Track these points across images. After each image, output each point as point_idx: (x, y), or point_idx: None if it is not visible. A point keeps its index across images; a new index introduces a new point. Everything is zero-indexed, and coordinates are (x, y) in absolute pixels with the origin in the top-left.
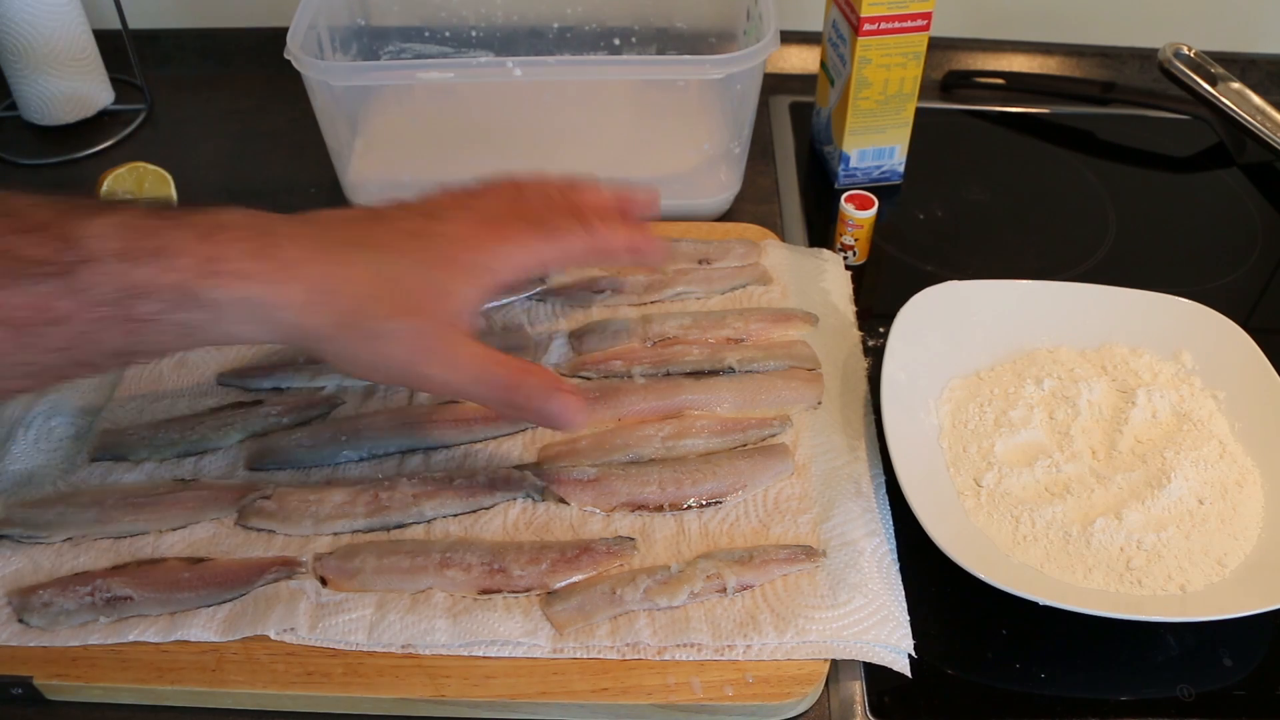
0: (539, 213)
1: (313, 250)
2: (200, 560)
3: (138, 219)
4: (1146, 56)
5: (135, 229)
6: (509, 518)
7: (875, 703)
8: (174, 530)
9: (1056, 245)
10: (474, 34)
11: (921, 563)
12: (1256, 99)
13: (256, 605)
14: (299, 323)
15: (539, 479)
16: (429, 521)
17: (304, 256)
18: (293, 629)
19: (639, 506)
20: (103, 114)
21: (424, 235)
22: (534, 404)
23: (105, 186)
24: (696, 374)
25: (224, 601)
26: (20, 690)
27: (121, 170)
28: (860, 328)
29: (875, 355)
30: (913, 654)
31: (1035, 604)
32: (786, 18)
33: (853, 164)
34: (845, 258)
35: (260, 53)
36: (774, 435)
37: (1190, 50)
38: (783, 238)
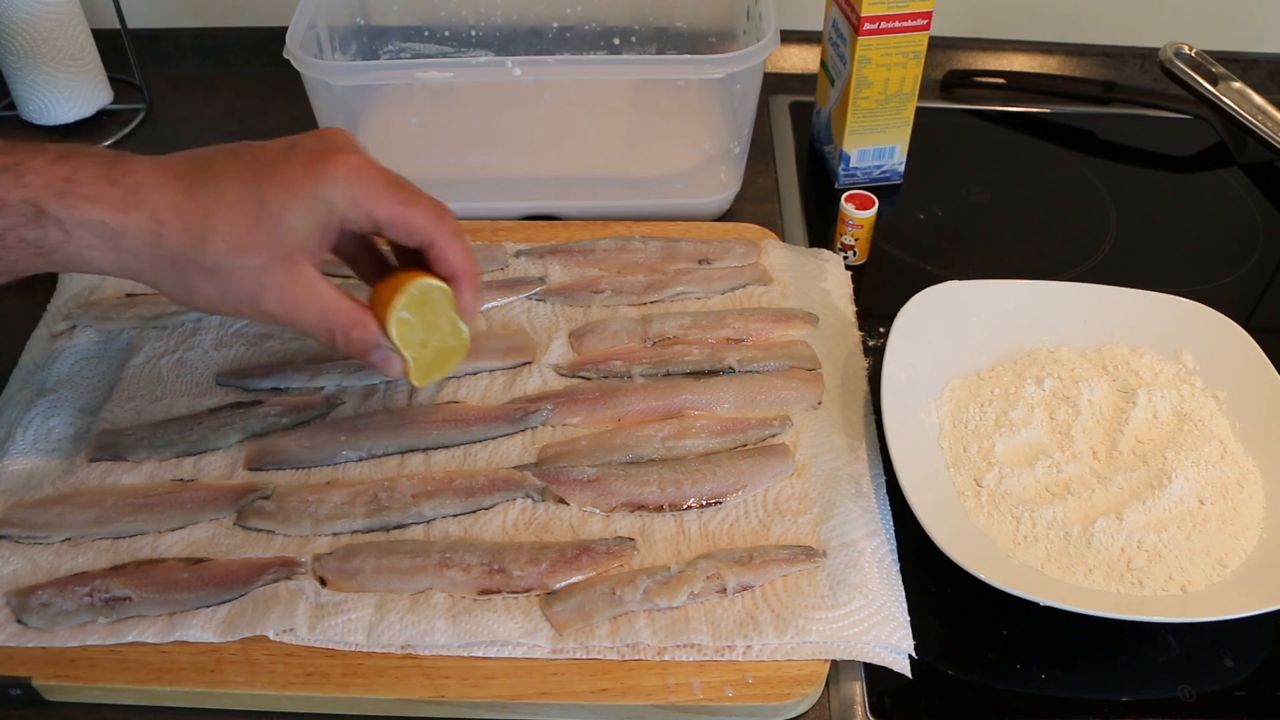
0: (402, 179)
1: (161, 179)
2: (199, 561)
3: None
4: (1147, 56)
5: None
6: (509, 518)
7: (875, 703)
8: (173, 530)
9: (1057, 245)
10: (473, 34)
11: (922, 563)
12: (1257, 98)
13: (255, 606)
14: (143, 252)
15: (539, 479)
16: (428, 522)
17: (151, 184)
18: (292, 630)
19: (639, 507)
20: (102, 113)
21: (273, 163)
22: (358, 356)
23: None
24: (696, 374)
25: (223, 602)
26: (19, 691)
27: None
28: (860, 328)
29: (875, 355)
30: (913, 654)
31: (1036, 604)
32: (786, 17)
33: (853, 164)
34: (845, 258)
35: (259, 52)
36: (774, 435)
37: (1191, 49)
38: (783, 238)
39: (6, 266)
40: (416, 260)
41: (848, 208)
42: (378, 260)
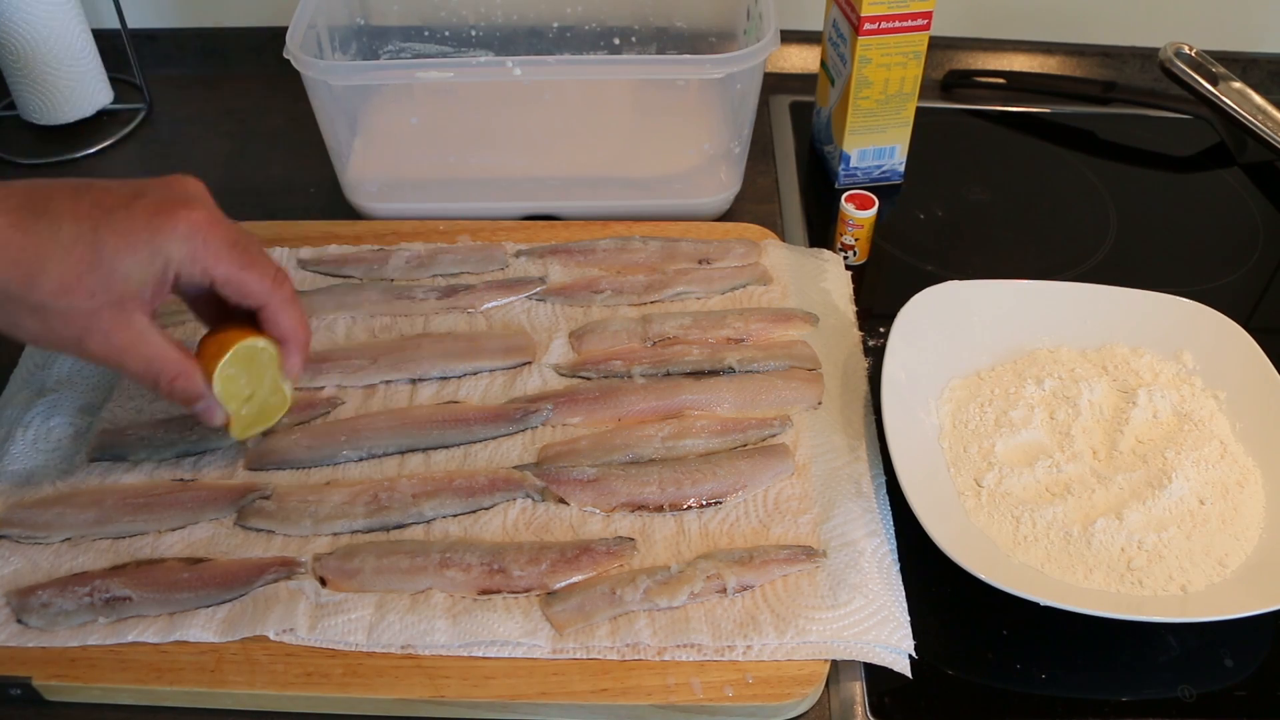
0: (246, 239)
1: None
2: (199, 561)
3: None
4: (1147, 56)
5: None
6: (509, 518)
7: (876, 703)
8: (173, 530)
9: (1056, 245)
10: (473, 34)
11: (922, 563)
12: (1257, 98)
13: (255, 606)
14: None
15: (539, 479)
16: (429, 522)
17: None
18: (292, 629)
19: (639, 506)
20: (102, 113)
21: (115, 209)
22: (181, 404)
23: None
24: (696, 374)
25: (223, 602)
26: (19, 691)
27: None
28: (860, 328)
29: (875, 355)
30: (913, 654)
31: (1036, 604)
32: (786, 17)
33: (853, 164)
34: (845, 258)
35: (260, 52)
36: (774, 435)
37: (1191, 49)
38: (783, 238)
39: None
40: (251, 314)
41: (848, 208)
42: (217, 306)
